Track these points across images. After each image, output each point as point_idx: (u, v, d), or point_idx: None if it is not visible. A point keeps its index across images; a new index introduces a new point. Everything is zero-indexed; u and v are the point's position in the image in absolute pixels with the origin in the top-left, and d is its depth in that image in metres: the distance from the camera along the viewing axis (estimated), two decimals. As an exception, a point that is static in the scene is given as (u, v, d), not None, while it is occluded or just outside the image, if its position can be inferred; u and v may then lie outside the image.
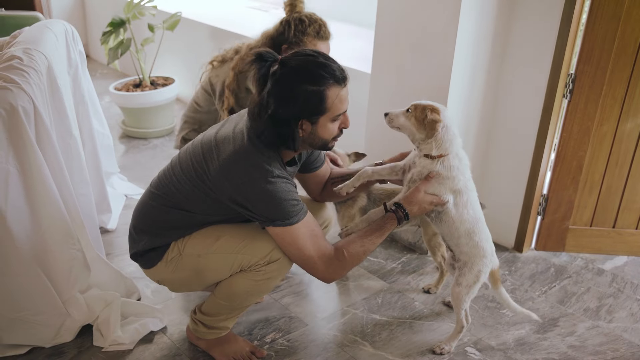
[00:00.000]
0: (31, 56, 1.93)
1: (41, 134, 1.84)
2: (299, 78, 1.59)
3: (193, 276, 1.84)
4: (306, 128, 1.66)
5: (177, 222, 1.79)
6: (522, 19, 2.42)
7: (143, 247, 1.83)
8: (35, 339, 1.97)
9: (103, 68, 5.11)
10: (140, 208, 1.87)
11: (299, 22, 2.24)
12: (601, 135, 2.50)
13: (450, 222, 1.87)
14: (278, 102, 1.60)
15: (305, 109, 1.61)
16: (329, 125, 1.68)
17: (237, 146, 1.67)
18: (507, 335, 2.15)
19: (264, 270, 1.79)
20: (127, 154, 3.58)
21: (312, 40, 2.23)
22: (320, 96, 1.60)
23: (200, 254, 1.79)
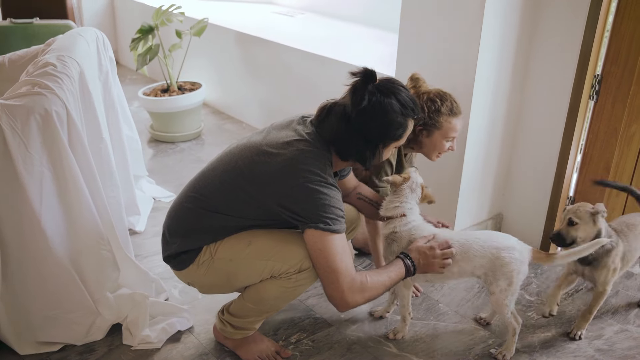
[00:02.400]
0: (64, 63, 2.00)
1: (73, 138, 1.90)
2: (396, 107, 1.72)
3: (223, 280, 1.87)
4: (380, 149, 1.79)
5: (211, 225, 1.81)
6: (547, 21, 2.41)
7: (176, 249, 1.85)
8: (67, 336, 2.03)
9: (132, 74, 5.22)
10: (175, 210, 1.88)
11: (431, 102, 2.17)
12: (629, 136, 2.46)
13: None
14: (370, 123, 1.71)
15: (389, 135, 1.76)
16: (392, 149, 1.86)
17: (293, 151, 1.71)
18: (532, 337, 2.14)
19: (295, 278, 1.81)
20: (155, 158, 3.65)
21: (447, 118, 2.17)
22: (405, 127, 1.77)
23: (232, 258, 1.81)
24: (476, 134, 2.49)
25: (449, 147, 2.24)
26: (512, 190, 2.76)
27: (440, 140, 2.20)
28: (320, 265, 1.74)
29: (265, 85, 3.98)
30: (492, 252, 1.91)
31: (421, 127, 2.19)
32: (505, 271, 1.91)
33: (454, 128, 2.18)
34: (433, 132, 2.18)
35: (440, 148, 2.23)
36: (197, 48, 4.09)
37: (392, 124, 1.72)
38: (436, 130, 2.17)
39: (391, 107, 1.70)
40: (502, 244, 1.93)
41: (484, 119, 2.49)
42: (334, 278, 1.72)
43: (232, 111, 4.37)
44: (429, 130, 2.18)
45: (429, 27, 2.48)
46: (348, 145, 1.74)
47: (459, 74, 2.41)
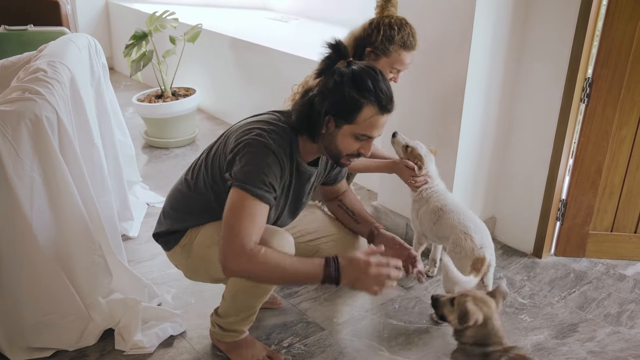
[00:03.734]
0: (55, 68, 2.00)
1: (64, 143, 1.91)
2: (349, 80, 1.62)
3: (202, 266, 1.90)
4: (330, 127, 1.68)
5: (194, 206, 1.85)
6: (538, 25, 2.43)
7: (164, 229, 1.92)
8: (59, 342, 2.02)
9: (127, 80, 5.23)
10: (171, 192, 1.97)
11: (389, 28, 2.15)
12: (620, 139, 2.48)
13: None
14: (321, 90, 1.66)
15: (337, 108, 1.64)
16: (349, 138, 1.68)
17: (260, 117, 1.78)
18: (525, 340, 2.14)
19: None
20: (149, 164, 3.65)
21: (397, 49, 2.15)
22: (356, 105, 1.62)
23: (209, 244, 1.82)
24: (468, 138, 2.50)
25: (391, 77, 2.24)
26: (504, 194, 2.76)
27: (384, 67, 2.18)
28: (225, 220, 1.62)
29: (259, 90, 3.98)
30: (455, 227, 2.12)
31: (371, 49, 2.19)
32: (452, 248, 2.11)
33: (401, 61, 2.18)
34: (380, 58, 2.17)
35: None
36: (191, 54, 4.10)
37: (341, 95, 1.61)
38: (384, 56, 2.17)
39: (342, 77, 1.61)
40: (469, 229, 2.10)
41: (475, 123, 2.50)
42: (229, 236, 1.59)
43: (227, 117, 4.38)
44: (377, 54, 2.18)
45: (420, 33, 2.48)
46: (299, 110, 1.70)
47: (451, 79, 2.42)
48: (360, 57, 2.23)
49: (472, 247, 2.06)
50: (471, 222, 2.14)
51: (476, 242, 2.06)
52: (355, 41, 2.27)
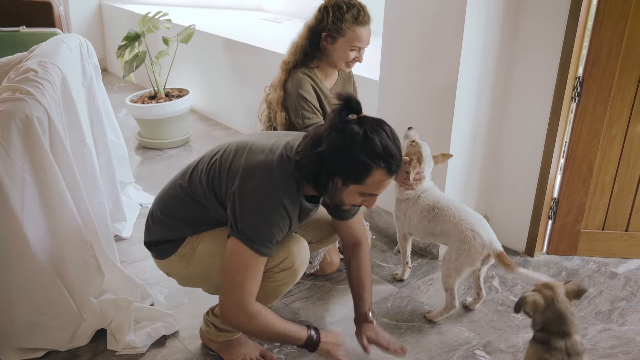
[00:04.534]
0: (46, 69, 2.00)
1: (55, 144, 1.90)
2: (361, 143, 1.58)
3: (203, 275, 1.88)
4: (337, 184, 1.65)
5: (192, 215, 1.81)
6: (528, 25, 2.44)
7: (157, 237, 1.87)
8: (51, 342, 2.02)
9: (120, 81, 5.22)
10: (161, 195, 1.90)
11: (337, 8, 2.16)
12: (611, 138, 2.49)
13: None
14: (330, 149, 1.60)
15: (346, 171, 1.62)
16: (355, 195, 1.68)
17: (268, 158, 1.68)
18: (516, 338, 2.14)
19: (275, 278, 1.81)
20: (142, 165, 3.65)
21: (351, 26, 2.16)
22: (366, 170, 1.60)
23: (213, 254, 1.80)
24: (460, 137, 2.51)
25: (354, 57, 2.23)
26: (496, 193, 2.77)
27: (344, 48, 2.18)
28: (228, 274, 1.70)
29: (253, 91, 3.98)
30: (460, 225, 2.11)
31: (326, 33, 2.19)
32: (458, 246, 2.10)
33: (358, 37, 2.18)
34: (337, 39, 2.18)
35: (345, 57, 2.22)
36: (185, 55, 4.10)
37: (350, 158, 1.59)
38: (340, 37, 2.17)
39: (354, 141, 1.57)
40: (474, 225, 2.09)
41: (467, 122, 2.51)
42: (234, 292, 1.70)
43: (220, 117, 4.38)
44: (333, 36, 2.18)
45: (412, 32, 2.50)
46: (308, 164, 1.65)
47: (442, 78, 2.43)
48: (317, 44, 2.24)
49: (481, 244, 2.08)
50: (473, 218, 2.15)
51: (484, 239, 2.08)
52: (310, 31, 2.29)
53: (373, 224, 2.88)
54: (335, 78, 2.46)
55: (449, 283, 2.15)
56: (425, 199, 2.25)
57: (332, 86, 2.43)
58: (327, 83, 2.40)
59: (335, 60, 2.29)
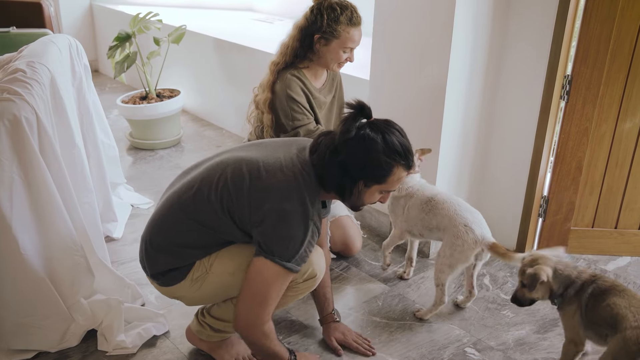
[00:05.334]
0: (34, 69, 1.99)
1: (44, 144, 1.90)
2: (382, 146, 1.64)
3: (219, 292, 1.85)
4: (360, 186, 1.71)
5: (201, 240, 1.76)
6: (517, 23, 2.45)
7: (164, 266, 1.80)
8: (41, 343, 2.01)
9: (112, 82, 5.21)
10: (159, 222, 1.79)
11: (331, 10, 2.17)
12: (600, 136, 2.51)
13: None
14: (352, 157, 1.65)
15: (371, 174, 1.69)
16: (375, 194, 1.75)
17: (288, 177, 1.68)
18: (506, 335, 2.16)
19: (298, 288, 1.83)
20: (134, 165, 3.64)
21: (345, 28, 2.19)
22: (388, 169, 1.67)
23: (233, 271, 1.78)
24: (450, 135, 2.51)
25: (346, 57, 2.26)
26: (487, 192, 2.78)
27: (337, 49, 2.22)
28: (254, 289, 1.71)
29: (244, 91, 3.97)
30: (454, 219, 2.12)
31: (319, 35, 2.21)
32: (452, 241, 2.11)
33: (352, 38, 2.21)
34: (331, 41, 2.20)
35: (338, 58, 2.25)
36: (176, 55, 4.10)
37: (374, 161, 1.65)
38: (334, 39, 2.20)
39: (375, 145, 1.64)
40: (468, 221, 2.11)
41: (457, 121, 2.52)
42: (258, 307, 1.72)
43: (212, 118, 4.38)
44: (326, 38, 2.21)
45: (402, 31, 2.51)
46: (330, 174, 1.69)
47: (432, 78, 2.44)
48: (309, 46, 2.25)
49: (474, 239, 2.09)
50: (468, 212, 2.16)
51: (477, 234, 2.10)
52: (301, 32, 2.29)
53: (364, 223, 2.89)
54: (324, 78, 2.47)
55: (441, 279, 2.16)
56: (422, 193, 2.26)
57: (322, 86, 2.44)
58: (317, 83, 2.41)
59: (328, 62, 2.30)
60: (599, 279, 1.80)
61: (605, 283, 1.78)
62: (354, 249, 2.62)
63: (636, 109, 2.45)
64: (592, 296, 1.77)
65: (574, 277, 1.81)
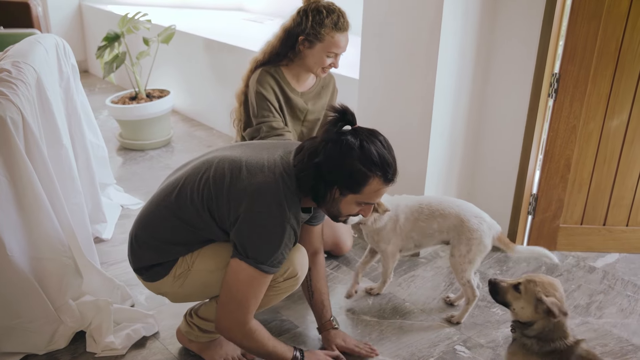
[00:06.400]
0: (19, 69, 1.98)
1: (30, 144, 1.88)
2: (358, 153, 1.61)
3: (200, 289, 1.86)
4: (334, 194, 1.68)
5: (183, 237, 1.78)
6: (505, 22, 2.46)
7: (148, 262, 1.83)
8: (28, 346, 2.00)
9: (101, 83, 5.18)
10: (145, 218, 1.83)
11: (317, 12, 2.15)
12: (588, 134, 2.52)
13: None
14: (328, 161, 1.63)
15: (345, 181, 1.65)
16: (352, 204, 1.71)
17: (269, 178, 1.68)
18: (496, 333, 2.16)
19: (279, 287, 1.82)
20: (124, 166, 3.62)
21: (330, 32, 2.15)
22: (363, 179, 1.63)
23: (213, 270, 1.79)
24: (439, 134, 2.52)
25: (330, 63, 2.23)
26: (476, 189, 2.79)
27: (321, 53, 2.19)
28: (231, 291, 1.72)
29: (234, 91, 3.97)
30: (462, 215, 2.10)
31: (303, 37, 2.19)
32: (468, 237, 2.09)
33: (336, 43, 2.18)
34: (315, 44, 2.18)
35: (322, 62, 2.22)
36: (165, 55, 4.08)
37: (348, 168, 1.62)
38: (318, 42, 2.17)
39: (351, 151, 1.61)
40: (475, 211, 2.11)
41: (446, 120, 2.52)
42: (235, 309, 1.73)
43: (202, 118, 4.37)
44: (310, 41, 2.18)
45: (391, 30, 2.51)
46: (305, 176, 1.67)
47: (421, 77, 2.44)
48: (293, 47, 2.24)
49: (488, 227, 2.11)
50: (465, 204, 2.16)
51: (488, 221, 2.12)
52: (286, 33, 2.27)
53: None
54: (311, 82, 2.42)
55: (465, 277, 2.13)
56: (405, 206, 2.18)
57: (307, 90, 2.41)
58: (298, 86, 2.37)
59: (311, 65, 2.27)
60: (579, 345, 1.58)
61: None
62: (345, 249, 2.62)
63: (623, 106, 2.46)
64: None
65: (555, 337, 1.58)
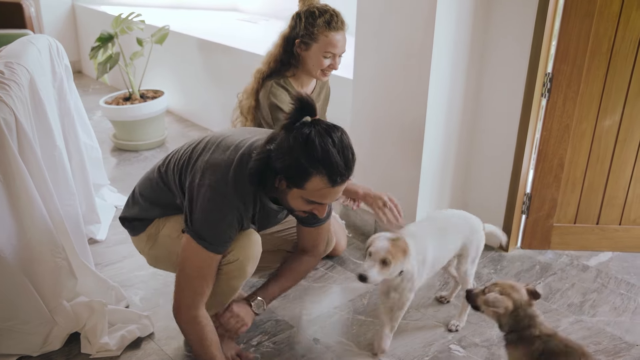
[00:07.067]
0: (12, 70, 1.97)
1: (24, 146, 1.88)
2: (302, 146, 1.54)
3: (166, 256, 1.93)
4: (281, 186, 1.64)
5: (162, 199, 1.88)
6: (499, 22, 2.47)
7: (132, 214, 1.97)
8: (23, 347, 1.99)
9: (95, 83, 5.16)
10: (143, 178, 1.98)
11: (310, 14, 2.17)
12: (581, 133, 2.53)
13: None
14: (277, 149, 1.59)
15: (286, 172, 1.59)
16: (299, 200, 1.65)
17: (229, 156, 1.69)
18: (491, 331, 2.17)
19: (222, 269, 1.79)
20: (118, 167, 3.62)
21: (323, 31, 2.16)
22: (304, 174, 1.56)
23: (175, 237, 1.86)
24: (433, 134, 2.53)
25: (329, 64, 2.24)
26: (470, 189, 2.80)
27: (317, 54, 2.20)
28: (181, 267, 1.75)
29: (229, 92, 3.95)
30: (467, 220, 2.12)
31: (299, 40, 2.20)
32: (479, 239, 2.12)
33: (331, 42, 2.19)
34: (310, 45, 2.19)
35: (320, 64, 2.23)
36: (159, 56, 4.07)
37: (292, 160, 1.55)
38: (313, 43, 2.19)
39: (297, 143, 1.54)
40: (474, 220, 2.15)
41: (440, 119, 2.53)
42: (185, 287, 1.75)
43: (197, 118, 4.36)
44: (306, 42, 2.20)
45: (384, 30, 2.52)
46: (258, 162, 1.62)
47: (414, 76, 2.45)
48: (291, 52, 2.26)
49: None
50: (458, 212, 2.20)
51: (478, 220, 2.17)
52: (284, 39, 2.30)
53: (349, 222, 2.89)
54: (312, 87, 2.44)
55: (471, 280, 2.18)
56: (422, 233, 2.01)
57: (311, 93, 2.43)
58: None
59: (310, 68, 2.27)
60: (553, 339, 1.65)
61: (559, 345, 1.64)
62: (339, 249, 2.62)
63: (615, 106, 2.48)
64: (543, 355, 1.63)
65: (525, 325, 1.67)
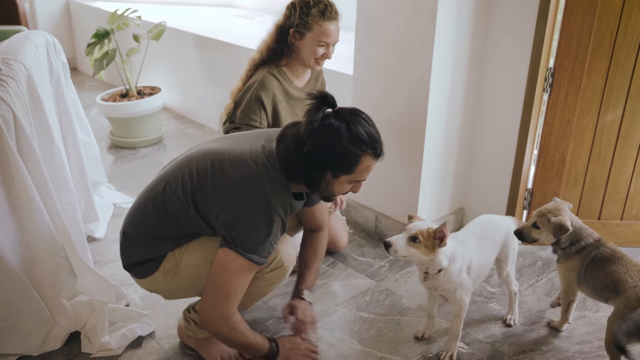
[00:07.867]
0: (10, 66, 1.94)
1: (22, 143, 1.85)
2: (346, 136, 1.61)
3: (190, 284, 1.85)
4: (327, 177, 1.69)
5: (170, 232, 1.78)
6: (500, 17, 2.46)
7: (137, 258, 1.83)
8: (23, 347, 1.97)
9: (91, 80, 5.13)
10: (133, 215, 1.84)
11: (304, 4, 2.19)
12: (582, 128, 2.52)
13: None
14: (317, 147, 1.62)
15: (337, 165, 1.65)
16: (345, 184, 1.72)
17: (252, 169, 1.67)
18: (494, 328, 2.16)
19: (266, 277, 1.82)
20: (115, 164, 3.59)
21: (317, 21, 2.18)
22: (355, 159, 1.64)
23: (201, 263, 1.78)
24: (434, 130, 2.51)
25: (323, 53, 2.25)
26: (472, 185, 2.79)
27: (312, 43, 2.21)
28: (218, 282, 1.70)
29: (226, 88, 3.90)
30: (506, 230, 2.09)
31: (294, 29, 2.21)
32: (514, 246, 2.12)
33: (325, 32, 2.20)
34: (304, 35, 2.20)
35: (314, 53, 2.24)
36: (156, 52, 4.04)
37: (339, 152, 1.62)
38: (307, 32, 2.19)
39: (339, 134, 1.60)
40: (508, 222, 2.13)
41: (441, 115, 2.52)
42: (222, 300, 1.71)
43: (194, 115, 4.33)
44: (300, 32, 2.20)
45: (385, 26, 2.50)
46: (296, 167, 1.67)
47: (415, 72, 2.43)
48: (285, 41, 2.26)
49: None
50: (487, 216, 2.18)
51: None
52: (279, 29, 2.30)
53: (350, 218, 2.88)
54: (307, 77, 2.44)
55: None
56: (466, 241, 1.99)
57: (304, 85, 2.41)
58: (298, 82, 2.38)
59: (304, 57, 2.28)
60: (602, 245, 1.93)
61: (607, 250, 1.92)
62: (340, 245, 2.61)
63: (617, 101, 2.47)
64: (593, 261, 1.92)
65: (583, 237, 1.95)
